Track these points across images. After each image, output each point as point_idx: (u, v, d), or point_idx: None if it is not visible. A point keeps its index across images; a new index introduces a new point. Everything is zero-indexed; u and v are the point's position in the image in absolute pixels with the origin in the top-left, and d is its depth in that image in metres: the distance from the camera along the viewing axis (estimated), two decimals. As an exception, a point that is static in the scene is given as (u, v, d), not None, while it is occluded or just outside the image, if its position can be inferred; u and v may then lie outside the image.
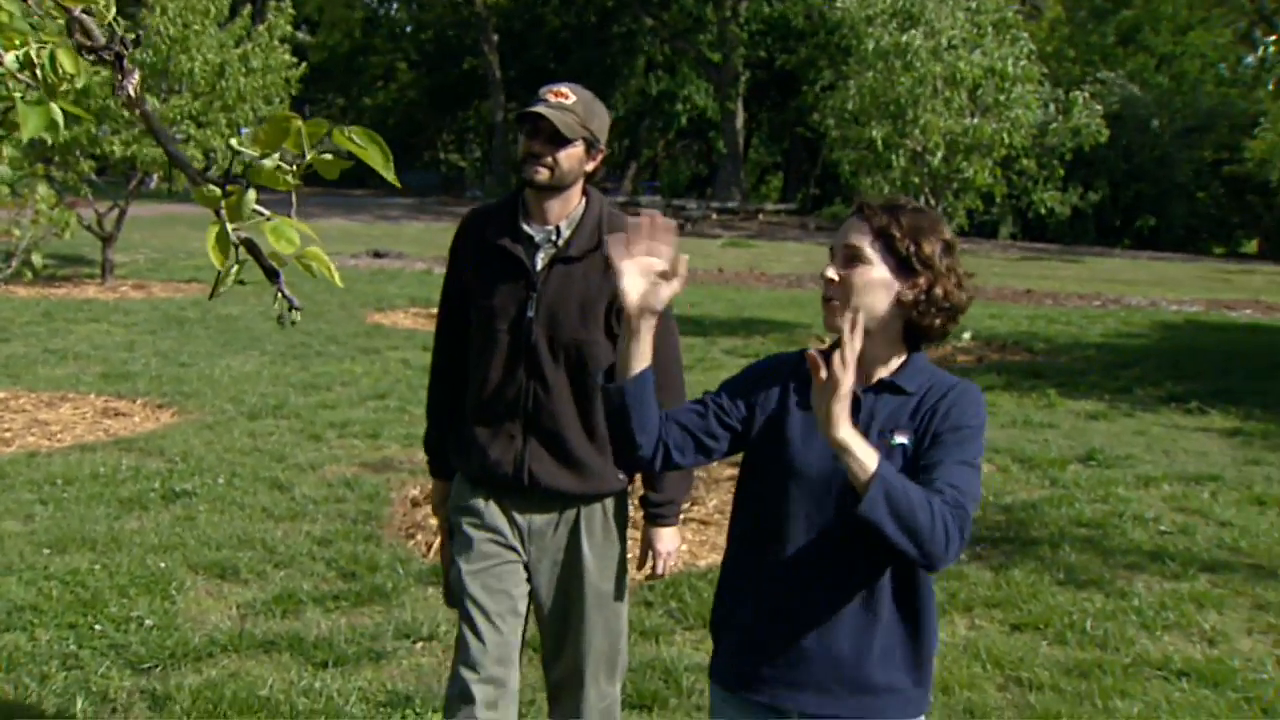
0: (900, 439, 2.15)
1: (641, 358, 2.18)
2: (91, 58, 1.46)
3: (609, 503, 3.10)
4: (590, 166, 2.98)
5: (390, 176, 1.50)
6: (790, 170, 46.81)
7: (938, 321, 2.20)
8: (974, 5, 11.75)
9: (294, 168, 1.46)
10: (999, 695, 4.30)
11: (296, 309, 1.60)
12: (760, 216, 36.18)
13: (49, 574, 4.98)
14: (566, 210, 3.00)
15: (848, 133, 11.95)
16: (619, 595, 3.13)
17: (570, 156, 2.92)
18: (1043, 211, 12.96)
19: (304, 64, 16.05)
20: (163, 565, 5.15)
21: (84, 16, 1.51)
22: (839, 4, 11.83)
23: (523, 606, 3.08)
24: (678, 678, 4.34)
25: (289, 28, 15.00)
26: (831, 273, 2.22)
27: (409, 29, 48.23)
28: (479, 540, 3.05)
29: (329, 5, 40.38)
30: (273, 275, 1.56)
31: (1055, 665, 4.53)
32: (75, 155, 12.90)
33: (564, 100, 2.92)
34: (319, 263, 1.55)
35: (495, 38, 39.98)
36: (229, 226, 1.46)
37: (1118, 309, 16.89)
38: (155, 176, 15.61)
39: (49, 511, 5.83)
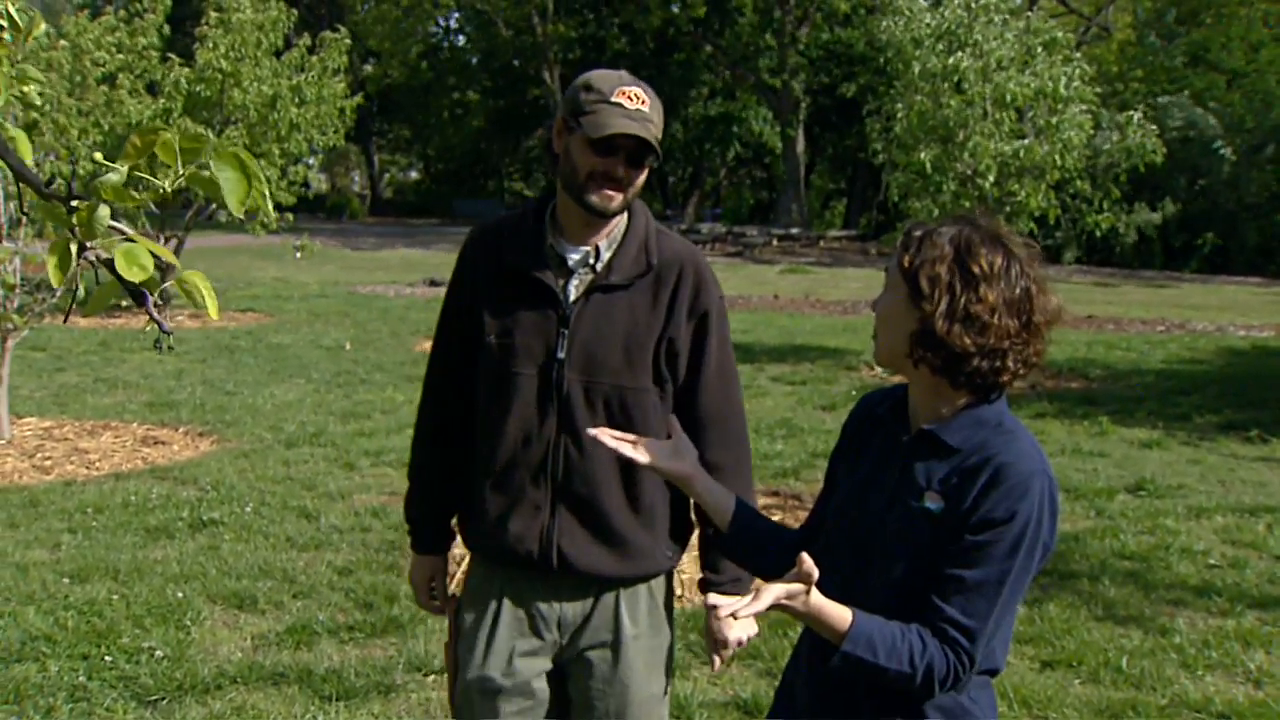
0: (930, 503, 1.91)
1: (722, 503, 2.16)
2: None
3: (656, 584, 2.56)
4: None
5: (236, 207, 1.41)
6: (853, 196, 46.58)
7: (931, 359, 1.92)
8: (1024, 25, 11.56)
9: (164, 184, 1.39)
10: (1024, 737, 4.13)
11: (167, 333, 1.53)
12: (821, 243, 36.01)
13: (68, 603, 4.99)
14: (609, 228, 2.45)
15: (896, 156, 11.80)
16: (665, 694, 2.62)
17: (643, 178, 2.39)
18: (1097, 234, 12.67)
19: (361, 94, 16.21)
20: (181, 595, 5.14)
21: None
22: (883, 25, 11.71)
23: None
24: (691, 714, 4.22)
25: (344, 58, 15.14)
26: (873, 303, 2.06)
27: (474, 60, 48.85)
28: (496, 645, 2.51)
29: (388, 37, 40.91)
30: (139, 298, 1.49)
31: (1086, 706, 4.34)
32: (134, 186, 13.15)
33: (644, 108, 2.33)
34: (197, 289, 1.48)
35: (557, 67, 40.32)
36: (85, 244, 1.39)
37: (1182, 334, 16.46)
38: (222, 208, 15.75)
39: (76, 540, 5.86)
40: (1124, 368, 12.97)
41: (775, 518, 6.37)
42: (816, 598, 1.84)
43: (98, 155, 1.43)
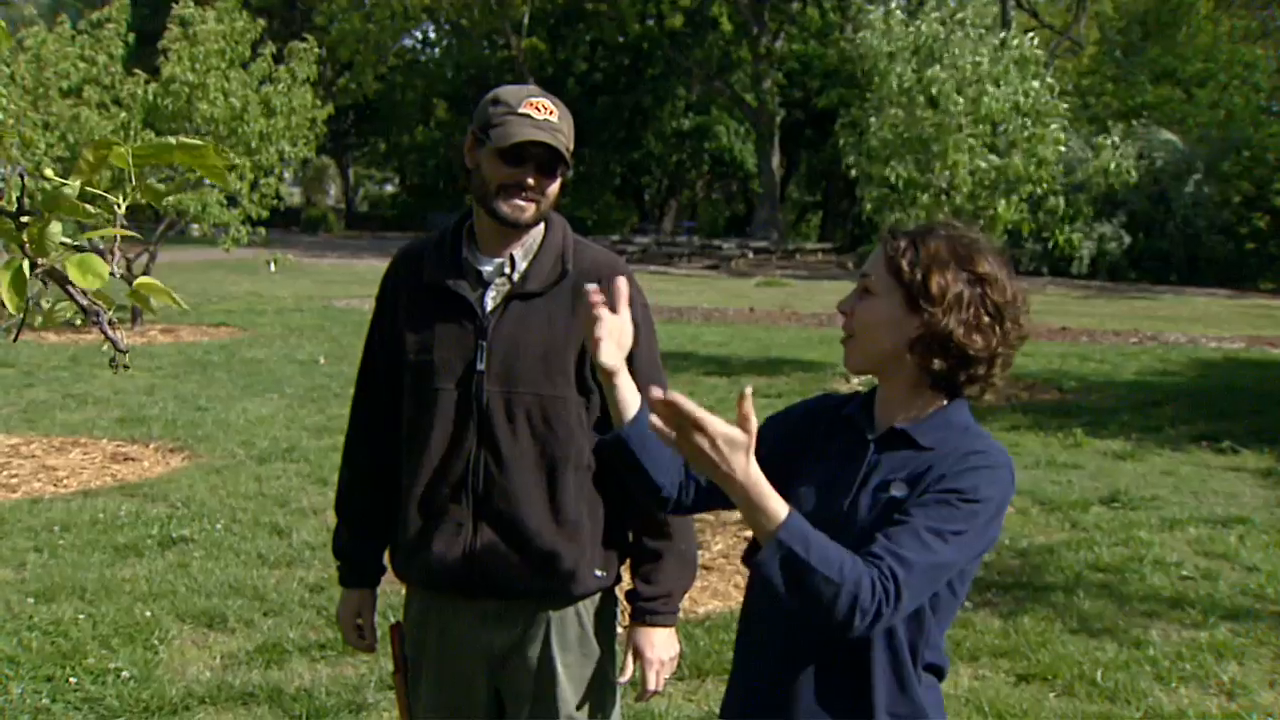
0: (896, 491, 1.91)
1: (633, 400, 2.01)
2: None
3: (586, 607, 2.49)
4: (559, 189, 2.43)
5: (220, 179, 1.39)
6: (828, 210, 46.75)
7: (938, 364, 1.93)
8: (999, 41, 11.62)
9: (117, 197, 1.36)
10: (999, 752, 4.11)
11: (123, 351, 1.49)
12: (797, 256, 36.12)
13: (32, 624, 4.91)
14: (524, 239, 2.43)
15: (871, 170, 11.82)
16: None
17: (558, 188, 2.38)
18: (1068, 251, 12.74)
19: (331, 105, 16.10)
20: (149, 614, 5.07)
21: None
22: (857, 39, 11.76)
23: None
24: (665, 731, 4.19)
25: (313, 68, 15.03)
26: (845, 307, 2.01)
27: (449, 74, 48.82)
28: (438, 681, 2.50)
29: (361, 49, 40.73)
30: (91, 314, 1.46)
31: (1061, 719, 4.33)
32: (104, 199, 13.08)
33: (551, 118, 2.33)
34: (156, 293, 1.45)
35: (531, 80, 40.33)
36: (36, 261, 1.36)
37: (1155, 346, 16.56)
38: (195, 224, 15.54)
39: (42, 559, 5.78)
40: (1097, 379, 13.03)
41: (747, 532, 6.38)
42: (757, 468, 1.76)
43: (49, 170, 1.40)
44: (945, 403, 1.99)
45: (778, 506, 1.76)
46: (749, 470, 1.74)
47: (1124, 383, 12.84)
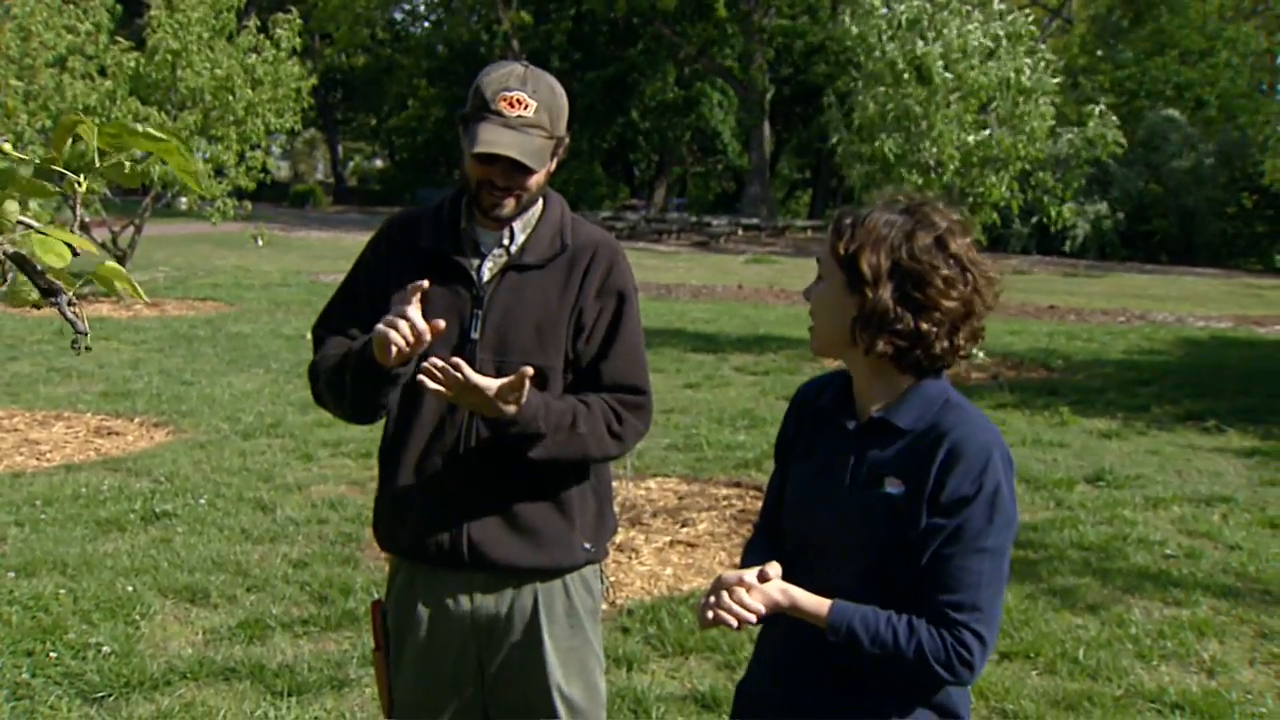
0: (891, 488, 1.91)
1: (819, 606, 2.01)
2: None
3: (574, 580, 2.50)
4: (554, 166, 2.43)
5: (194, 183, 1.36)
6: (818, 187, 46.65)
7: (883, 345, 1.90)
8: (986, 16, 11.55)
9: (82, 175, 1.33)
10: (981, 729, 4.12)
11: (82, 333, 1.46)
12: (787, 233, 36.07)
13: (12, 598, 4.88)
14: (523, 213, 2.47)
15: (858, 148, 11.76)
16: (594, 701, 2.53)
17: (540, 178, 2.38)
18: (1059, 224, 12.71)
19: (314, 75, 15.98)
20: (131, 589, 5.05)
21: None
22: (845, 17, 11.69)
23: None
24: (648, 708, 4.17)
25: (298, 39, 14.91)
26: (806, 293, 2.03)
27: (438, 47, 48.52)
28: (425, 658, 2.49)
29: (349, 22, 40.40)
30: (51, 294, 1.43)
31: (1043, 696, 4.34)
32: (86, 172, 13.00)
33: (526, 113, 2.30)
34: (119, 279, 1.42)
35: (523, 55, 40.10)
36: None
37: (1142, 325, 16.60)
38: (182, 197, 15.39)
39: (23, 533, 5.74)
40: (1085, 358, 13.04)
41: (736, 508, 6.36)
42: (787, 590, 1.92)
43: (6, 145, 1.37)
44: (916, 380, 1.96)
45: (817, 608, 1.91)
46: (781, 601, 1.93)
47: (1111, 361, 12.86)
